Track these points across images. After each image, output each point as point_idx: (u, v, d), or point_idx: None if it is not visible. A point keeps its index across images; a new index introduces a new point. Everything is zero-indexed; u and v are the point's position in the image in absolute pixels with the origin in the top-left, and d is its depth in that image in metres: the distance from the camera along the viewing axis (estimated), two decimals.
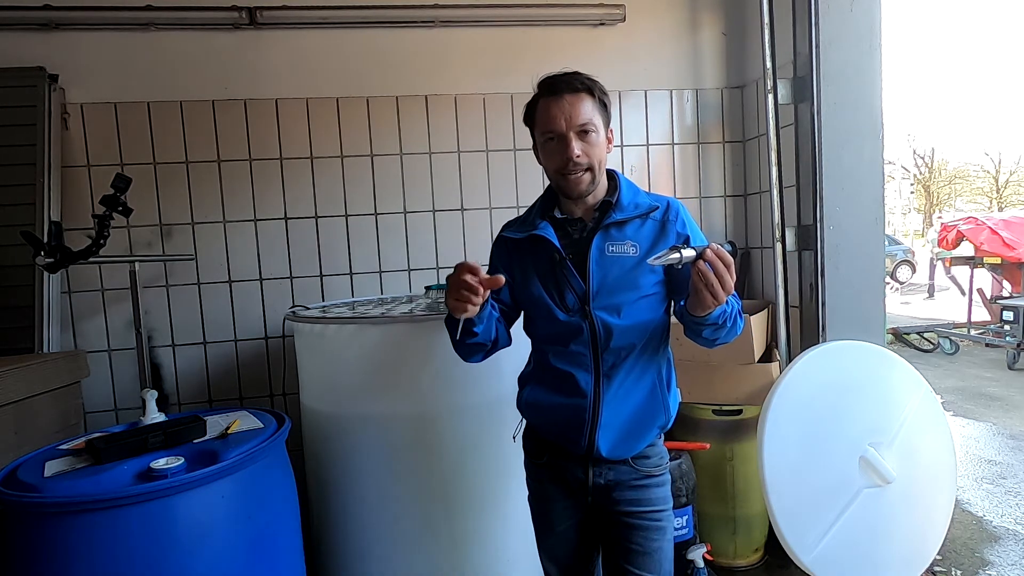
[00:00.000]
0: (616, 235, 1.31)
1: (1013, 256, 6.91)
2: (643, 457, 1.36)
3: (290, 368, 2.38)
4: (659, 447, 1.40)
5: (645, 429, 1.34)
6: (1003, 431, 4.08)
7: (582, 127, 1.26)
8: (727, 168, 2.83)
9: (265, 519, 1.40)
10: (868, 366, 2.08)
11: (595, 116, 1.28)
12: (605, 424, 1.31)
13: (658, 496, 1.38)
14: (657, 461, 1.39)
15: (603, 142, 1.31)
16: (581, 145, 1.27)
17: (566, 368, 1.32)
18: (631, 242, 1.30)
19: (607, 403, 1.31)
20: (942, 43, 40.66)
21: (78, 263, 1.98)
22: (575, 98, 1.27)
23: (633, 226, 1.32)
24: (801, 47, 2.27)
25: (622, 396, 1.32)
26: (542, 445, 1.44)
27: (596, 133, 1.28)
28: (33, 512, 1.20)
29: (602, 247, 1.30)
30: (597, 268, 1.29)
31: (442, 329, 1.83)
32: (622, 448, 1.33)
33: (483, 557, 1.90)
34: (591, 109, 1.28)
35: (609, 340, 1.28)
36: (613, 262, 1.29)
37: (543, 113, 1.29)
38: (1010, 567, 2.40)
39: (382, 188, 2.58)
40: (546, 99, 1.29)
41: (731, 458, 2.31)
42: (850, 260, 2.24)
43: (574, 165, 1.27)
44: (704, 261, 1.11)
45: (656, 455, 1.39)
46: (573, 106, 1.26)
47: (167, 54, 2.40)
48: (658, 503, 1.37)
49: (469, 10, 2.53)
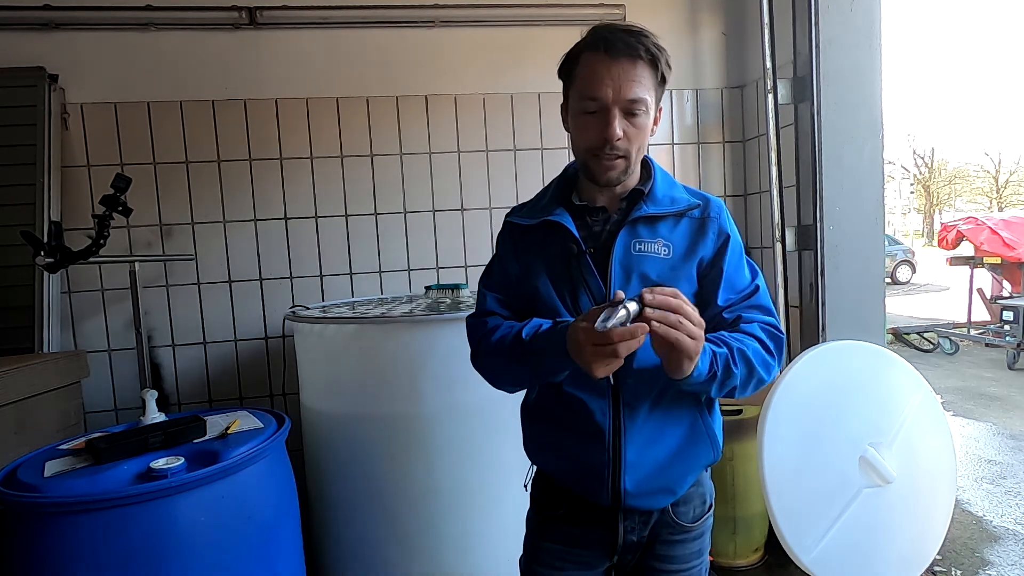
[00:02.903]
0: (645, 232, 1.07)
1: (1013, 256, 6.91)
2: (682, 504, 1.11)
3: (290, 368, 2.38)
4: (703, 488, 1.15)
5: (687, 469, 1.09)
6: (1003, 431, 4.08)
7: (631, 104, 1.01)
8: (727, 168, 2.83)
9: (265, 519, 1.40)
10: (868, 366, 2.08)
11: (650, 94, 1.04)
12: (632, 465, 1.04)
13: (692, 550, 1.13)
14: (698, 509, 1.13)
15: (649, 125, 1.06)
16: (624, 125, 1.02)
17: (576, 393, 1.06)
18: (663, 241, 1.07)
19: (631, 439, 1.04)
20: (942, 43, 40.70)
21: (78, 263, 1.98)
22: (632, 66, 1.01)
23: (667, 224, 1.08)
24: (801, 47, 2.27)
25: (652, 429, 1.05)
26: (558, 495, 1.14)
27: (646, 114, 1.04)
28: (33, 512, 1.20)
29: (628, 244, 1.06)
30: (620, 268, 1.06)
31: (442, 329, 1.84)
32: (660, 496, 1.07)
33: (483, 557, 1.90)
34: (649, 85, 1.03)
35: (632, 359, 1.00)
36: (640, 262, 1.06)
37: (588, 72, 1.02)
38: (1010, 567, 2.40)
39: (382, 188, 2.58)
40: (596, 55, 1.02)
41: (731, 458, 2.31)
42: (850, 260, 2.24)
43: (611, 148, 1.03)
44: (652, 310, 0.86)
45: (698, 497, 1.13)
46: (627, 74, 1.01)
47: (167, 54, 2.40)
48: (691, 559, 1.13)
49: (469, 10, 2.53)
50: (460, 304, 2.00)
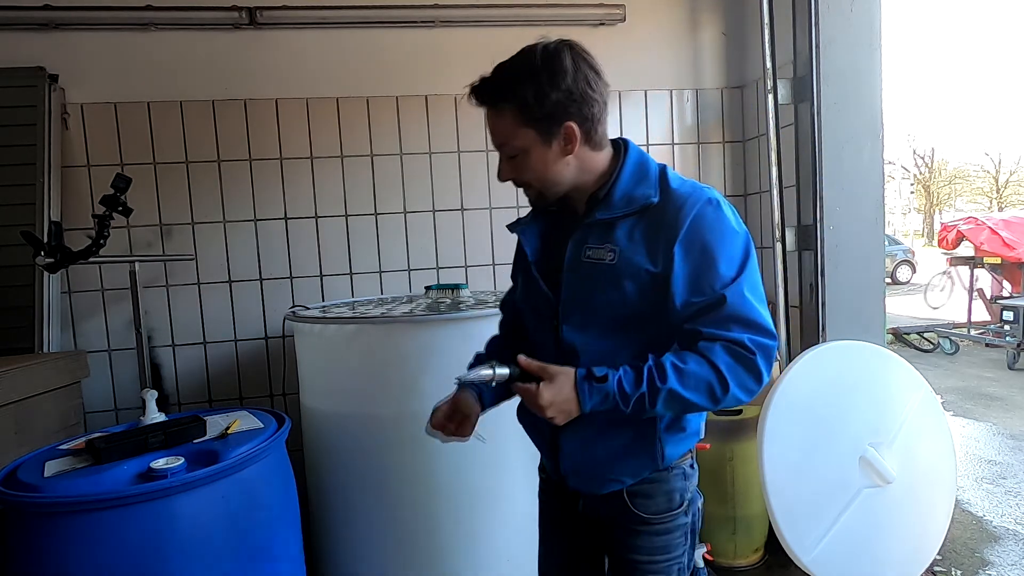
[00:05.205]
0: (598, 236, 1.08)
1: (1013, 256, 6.91)
2: (641, 496, 1.13)
3: (290, 368, 2.38)
4: (669, 484, 1.14)
5: (620, 471, 1.12)
6: (1003, 431, 4.08)
7: (501, 149, 1.08)
8: (727, 168, 2.83)
9: (265, 519, 1.40)
10: (868, 366, 2.08)
11: (517, 133, 1.03)
12: (567, 454, 1.15)
13: (656, 544, 1.14)
14: (663, 504, 1.13)
15: (536, 159, 1.05)
16: (510, 166, 1.09)
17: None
18: (610, 246, 1.06)
19: (566, 432, 1.11)
20: (942, 43, 40.69)
21: (78, 263, 1.98)
22: (492, 113, 1.06)
23: (625, 225, 1.06)
24: (801, 47, 2.27)
25: (587, 425, 1.07)
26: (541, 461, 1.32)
27: (523, 153, 1.05)
28: (33, 512, 1.20)
29: (578, 251, 1.09)
30: (570, 275, 1.09)
31: (442, 329, 1.84)
32: (590, 483, 1.16)
33: (483, 557, 1.90)
34: (509, 125, 1.03)
35: (575, 361, 1.06)
36: (589, 269, 1.07)
37: None
38: (1010, 567, 2.40)
39: (382, 188, 2.58)
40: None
41: (731, 458, 2.31)
42: (850, 260, 2.24)
43: (516, 184, 1.10)
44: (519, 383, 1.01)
45: (661, 494, 1.13)
46: (490, 123, 1.07)
47: (167, 54, 2.40)
48: (655, 552, 1.14)
49: (469, 10, 2.53)
50: (460, 304, 2.00)
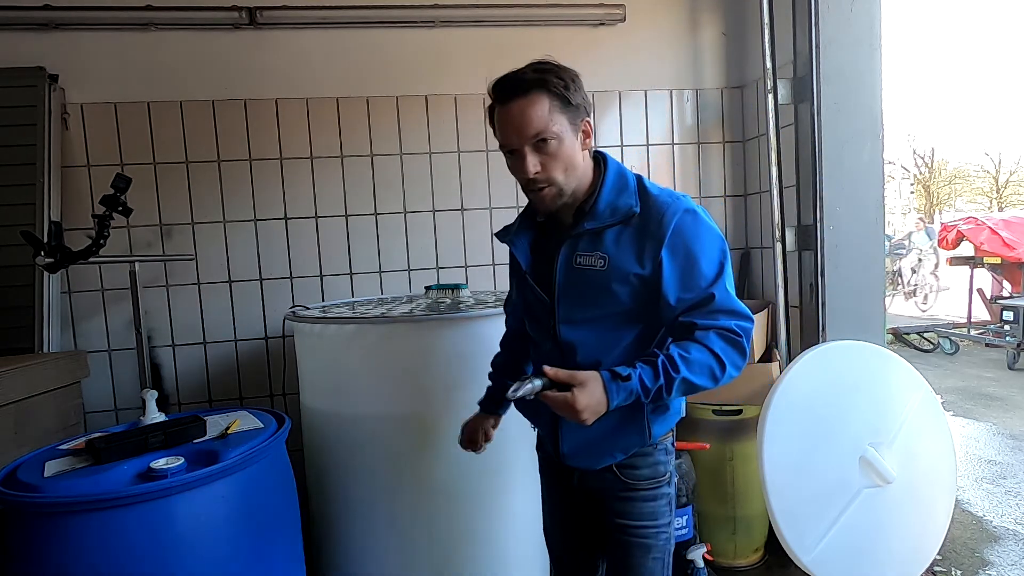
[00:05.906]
0: (587, 245, 1.19)
1: (1013, 256, 6.90)
2: (630, 467, 1.27)
3: (290, 368, 2.38)
4: (655, 457, 1.28)
5: (613, 447, 1.25)
6: (1003, 431, 4.08)
7: (537, 137, 1.11)
8: (727, 168, 2.83)
9: (265, 519, 1.40)
10: (868, 366, 2.08)
11: (554, 119, 1.11)
12: (566, 439, 1.27)
13: (644, 511, 1.27)
14: (649, 473, 1.28)
15: (568, 148, 1.14)
16: (538, 159, 1.13)
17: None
18: (600, 253, 1.17)
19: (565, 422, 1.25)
20: (942, 43, 40.66)
21: (78, 263, 1.98)
22: (526, 103, 1.10)
23: (612, 233, 1.17)
24: (801, 47, 2.27)
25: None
26: (540, 442, 1.45)
27: (557, 140, 1.12)
28: (33, 512, 1.20)
29: (569, 259, 1.20)
30: (564, 281, 1.21)
31: (442, 329, 1.84)
32: (587, 460, 1.28)
33: (483, 557, 1.90)
34: (546, 111, 1.11)
35: (573, 356, 1.21)
36: (580, 275, 1.19)
37: (497, 124, 1.16)
38: (1010, 567, 2.40)
39: (382, 188, 2.58)
40: (498, 107, 1.15)
41: (731, 458, 2.31)
42: (850, 260, 2.24)
43: (534, 183, 1.15)
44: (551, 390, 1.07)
45: (647, 466, 1.27)
46: (524, 113, 1.10)
47: (167, 54, 2.40)
48: (644, 518, 1.27)
49: (469, 10, 2.53)
50: (460, 304, 2.00)
